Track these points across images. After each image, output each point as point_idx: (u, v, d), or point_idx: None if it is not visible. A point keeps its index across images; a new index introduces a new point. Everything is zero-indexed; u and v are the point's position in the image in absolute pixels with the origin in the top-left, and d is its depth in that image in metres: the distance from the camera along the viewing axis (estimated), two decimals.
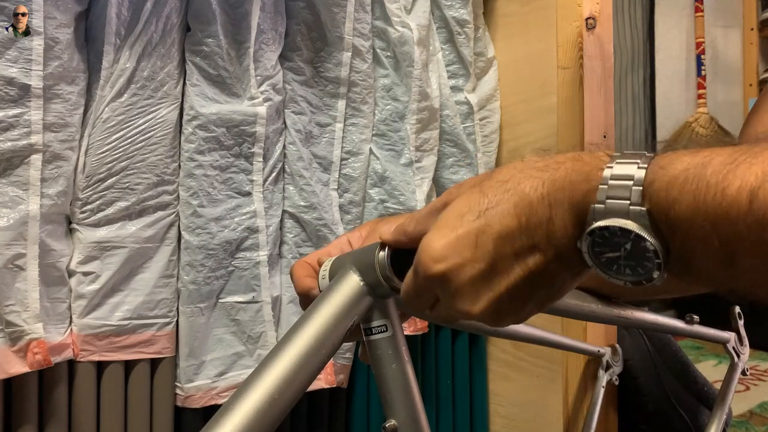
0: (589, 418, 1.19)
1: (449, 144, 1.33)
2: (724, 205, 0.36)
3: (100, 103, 1.01)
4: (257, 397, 0.48)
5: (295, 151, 1.19)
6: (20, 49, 0.93)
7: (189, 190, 1.09)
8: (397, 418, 0.56)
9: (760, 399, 1.81)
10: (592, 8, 1.22)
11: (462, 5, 1.31)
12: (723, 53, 2.84)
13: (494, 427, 1.40)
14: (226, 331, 1.14)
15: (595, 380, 1.22)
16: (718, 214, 0.36)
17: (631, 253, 0.40)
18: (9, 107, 0.93)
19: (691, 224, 0.38)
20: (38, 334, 0.95)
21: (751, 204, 0.35)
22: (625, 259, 0.41)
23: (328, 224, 1.18)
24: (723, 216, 0.36)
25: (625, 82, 2.54)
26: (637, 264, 0.40)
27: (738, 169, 0.36)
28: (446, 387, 1.35)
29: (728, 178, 0.36)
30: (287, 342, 0.52)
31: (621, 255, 0.40)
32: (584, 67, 1.22)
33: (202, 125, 1.09)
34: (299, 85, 1.19)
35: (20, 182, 0.95)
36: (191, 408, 1.10)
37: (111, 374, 1.05)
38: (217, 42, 1.08)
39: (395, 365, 0.57)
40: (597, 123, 1.23)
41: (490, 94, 1.38)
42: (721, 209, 0.36)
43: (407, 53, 1.23)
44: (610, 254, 0.41)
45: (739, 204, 0.36)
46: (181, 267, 1.10)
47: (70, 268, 1.02)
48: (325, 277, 0.60)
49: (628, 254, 0.40)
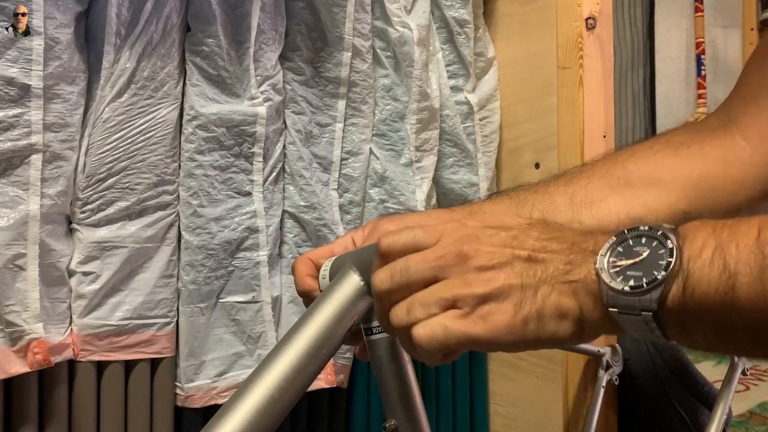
0: (589, 417, 1.19)
1: (449, 144, 1.33)
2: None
3: (101, 103, 1.01)
4: (258, 397, 0.48)
5: (295, 151, 1.19)
6: (20, 49, 0.93)
7: (189, 190, 1.09)
8: (397, 418, 0.56)
9: (760, 399, 1.81)
10: (592, 8, 1.22)
11: (462, 5, 1.31)
12: (723, 53, 2.84)
13: (494, 427, 1.40)
14: (226, 331, 1.14)
15: (595, 380, 1.22)
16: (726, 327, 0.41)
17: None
18: (9, 107, 0.93)
19: (700, 335, 0.42)
20: (38, 334, 0.95)
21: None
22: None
23: (328, 224, 1.18)
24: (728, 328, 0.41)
25: (625, 82, 2.54)
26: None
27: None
28: (446, 387, 1.35)
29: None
30: (287, 342, 0.52)
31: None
32: (584, 67, 1.22)
33: (202, 125, 1.08)
34: (299, 85, 1.19)
35: (20, 182, 0.95)
36: (191, 408, 1.10)
37: (111, 374, 1.05)
38: (217, 42, 1.08)
39: (395, 365, 0.57)
40: (597, 123, 1.23)
41: (490, 94, 1.37)
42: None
43: (407, 53, 1.23)
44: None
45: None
46: (181, 267, 1.10)
47: (70, 268, 1.02)
48: (326, 276, 0.60)
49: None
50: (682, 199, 0.66)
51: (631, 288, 0.42)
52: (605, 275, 0.43)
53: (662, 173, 0.67)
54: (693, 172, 0.66)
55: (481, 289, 0.45)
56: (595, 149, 1.21)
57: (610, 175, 0.68)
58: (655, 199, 0.66)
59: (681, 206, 0.65)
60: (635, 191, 0.66)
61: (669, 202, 0.65)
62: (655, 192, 0.66)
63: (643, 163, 0.67)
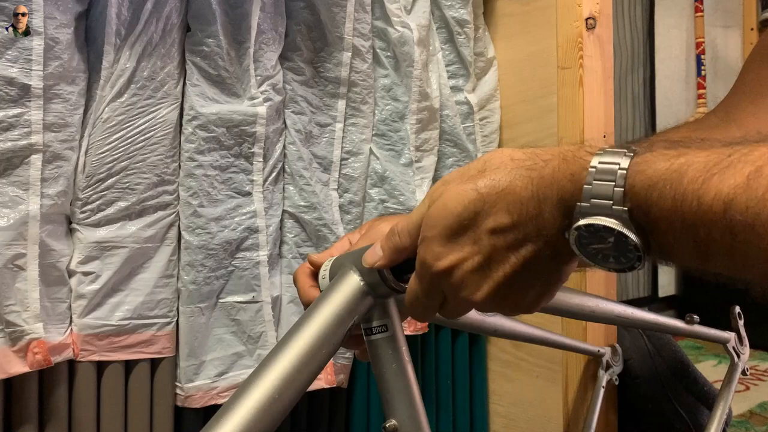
0: (589, 418, 1.19)
1: (449, 144, 1.33)
2: (699, 213, 0.40)
3: (101, 103, 1.01)
4: (258, 397, 0.48)
5: (295, 151, 1.19)
6: (20, 49, 0.93)
7: (189, 190, 1.09)
8: (397, 418, 0.56)
9: (760, 399, 1.81)
10: (592, 8, 1.22)
11: (462, 5, 1.31)
12: (723, 53, 2.84)
13: (494, 427, 1.40)
14: (226, 331, 1.14)
15: (595, 380, 1.22)
16: (694, 219, 0.41)
17: (615, 246, 0.44)
18: (9, 107, 0.94)
19: (669, 225, 0.42)
20: (38, 334, 0.95)
21: (725, 213, 0.39)
22: (610, 251, 0.45)
23: (328, 224, 1.18)
24: (699, 222, 0.41)
25: (625, 82, 2.54)
26: (620, 255, 0.45)
27: (712, 179, 0.40)
28: (446, 387, 1.35)
29: (703, 188, 0.40)
30: (287, 342, 0.52)
31: (605, 247, 0.45)
32: (584, 67, 1.22)
33: (202, 125, 1.09)
34: (299, 85, 1.19)
35: (20, 182, 0.95)
36: (191, 408, 1.10)
37: (111, 374, 1.05)
38: (217, 42, 1.08)
39: (395, 365, 0.57)
40: (597, 123, 1.23)
41: (490, 94, 1.38)
42: (697, 216, 0.40)
43: (407, 53, 1.23)
44: (595, 246, 0.45)
45: (713, 212, 0.40)
46: (181, 267, 1.10)
47: (70, 268, 1.02)
48: (325, 277, 0.60)
49: (611, 246, 0.44)
50: None
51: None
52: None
53: None
54: None
55: (479, 258, 0.49)
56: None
57: None
58: None
59: None
60: None
61: None
62: None
63: None
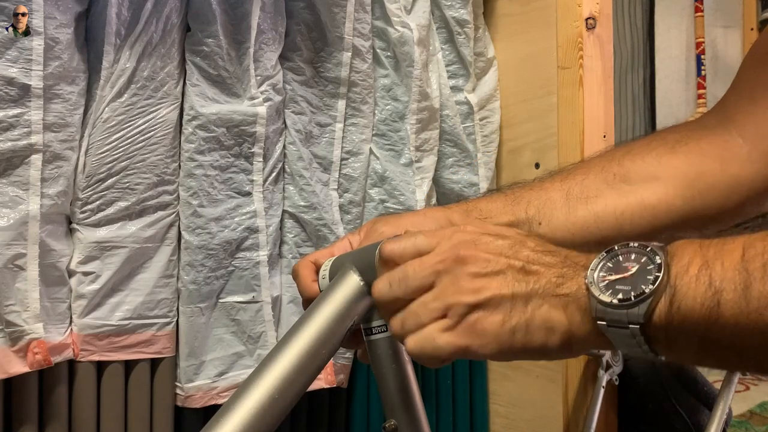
0: (589, 418, 1.19)
1: (449, 144, 1.33)
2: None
3: (100, 103, 1.01)
4: (258, 397, 0.48)
5: (295, 151, 1.19)
6: (20, 49, 0.93)
7: (189, 190, 1.09)
8: (397, 418, 0.56)
9: (760, 399, 1.81)
10: (592, 8, 1.22)
11: (462, 5, 1.31)
12: (723, 53, 2.84)
13: (494, 427, 1.40)
14: (226, 331, 1.14)
15: (595, 380, 1.22)
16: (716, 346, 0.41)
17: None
18: (9, 107, 0.93)
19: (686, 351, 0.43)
20: (38, 334, 0.95)
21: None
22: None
23: (328, 224, 1.18)
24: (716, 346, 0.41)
25: (625, 82, 2.54)
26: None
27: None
28: (446, 387, 1.35)
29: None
30: (287, 342, 0.52)
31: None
32: (584, 67, 1.22)
33: (202, 125, 1.08)
34: (299, 85, 1.19)
35: (20, 182, 0.95)
36: (191, 408, 1.10)
37: (111, 374, 1.05)
38: (217, 42, 1.08)
39: (395, 365, 0.57)
40: (597, 123, 1.23)
41: (490, 94, 1.37)
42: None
43: (407, 53, 1.23)
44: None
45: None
46: (181, 267, 1.10)
47: (70, 268, 1.02)
48: (325, 277, 0.60)
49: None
50: (679, 195, 0.66)
51: (619, 301, 0.43)
52: (594, 289, 0.44)
53: (659, 170, 0.67)
54: (690, 169, 0.66)
55: (471, 298, 0.46)
56: (595, 149, 1.20)
57: (606, 172, 0.68)
58: (651, 195, 0.66)
59: (677, 203, 0.65)
60: (632, 187, 0.67)
61: (665, 198, 0.66)
62: (651, 188, 0.66)
63: (640, 159, 0.68)
